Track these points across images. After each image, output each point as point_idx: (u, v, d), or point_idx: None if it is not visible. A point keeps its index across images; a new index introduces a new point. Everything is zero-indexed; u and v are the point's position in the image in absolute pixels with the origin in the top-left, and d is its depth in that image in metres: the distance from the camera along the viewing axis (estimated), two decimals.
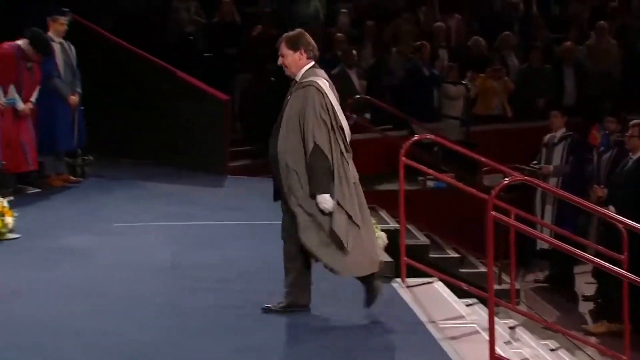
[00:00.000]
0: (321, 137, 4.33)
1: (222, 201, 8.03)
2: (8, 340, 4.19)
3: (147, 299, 4.95)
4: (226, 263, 5.82)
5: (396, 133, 9.19)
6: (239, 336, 4.43)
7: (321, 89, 4.39)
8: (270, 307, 4.64)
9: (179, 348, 4.22)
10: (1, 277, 5.28)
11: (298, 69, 4.47)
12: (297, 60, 4.46)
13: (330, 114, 4.39)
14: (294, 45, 4.45)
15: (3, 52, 7.28)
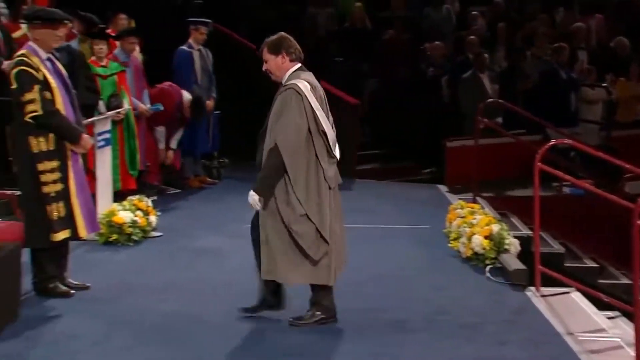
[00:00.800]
0: (285, 140, 4.21)
1: (352, 204, 8.04)
2: (155, 333, 4.40)
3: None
4: (357, 266, 5.81)
5: (530, 138, 8.89)
6: (373, 339, 4.42)
7: (300, 91, 4.27)
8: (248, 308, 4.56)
9: (318, 349, 4.27)
10: (147, 273, 5.56)
11: (282, 72, 4.38)
12: (279, 64, 4.37)
13: (309, 118, 4.27)
14: (275, 50, 4.35)
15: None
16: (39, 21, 4.85)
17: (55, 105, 4.81)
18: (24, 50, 4.88)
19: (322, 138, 4.31)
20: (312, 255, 4.31)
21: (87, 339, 4.28)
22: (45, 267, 4.91)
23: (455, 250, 6.19)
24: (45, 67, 4.82)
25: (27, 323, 4.42)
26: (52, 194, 4.80)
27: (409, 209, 7.94)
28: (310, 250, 4.29)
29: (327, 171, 4.32)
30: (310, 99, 4.26)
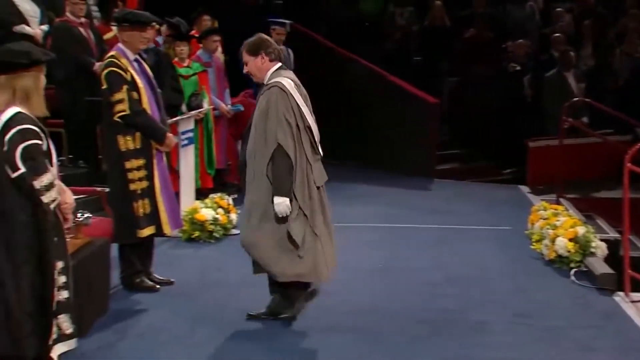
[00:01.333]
0: (284, 138, 4.18)
1: (431, 204, 8.01)
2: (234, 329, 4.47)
3: (361, 299, 5.04)
4: (436, 267, 5.79)
5: (618, 137, 8.59)
6: (452, 341, 4.37)
7: (285, 88, 4.23)
8: (253, 314, 4.55)
9: (396, 350, 4.26)
10: (227, 270, 5.65)
11: (263, 73, 4.38)
12: (259, 65, 4.37)
13: (296, 114, 4.24)
14: (254, 51, 4.34)
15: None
16: (127, 23, 5.00)
17: (142, 105, 4.94)
18: (113, 51, 5.04)
19: (309, 134, 4.32)
20: (300, 253, 4.29)
21: (171, 332, 4.40)
22: (132, 262, 5.07)
23: (538, 252, 6.05)
24: (133, 68, 4.96)
25: (115, 316, 4.57)
26: (139, 192, 4.93)
27: (490, 209, 7.81)
28: (301, 251, 4.29)
29: (313, 168, 4.32)
30: (295, 95, 4.27)
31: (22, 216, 3.35)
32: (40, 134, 3.39)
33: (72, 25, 7.00)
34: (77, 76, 6.95)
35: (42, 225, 3.39)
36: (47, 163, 3.40)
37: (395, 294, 5.18)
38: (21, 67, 3.35)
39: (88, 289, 4.26)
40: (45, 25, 7.24)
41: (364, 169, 9.62)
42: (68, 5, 7.03)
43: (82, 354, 3.95)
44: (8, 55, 3.36)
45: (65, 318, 3.51)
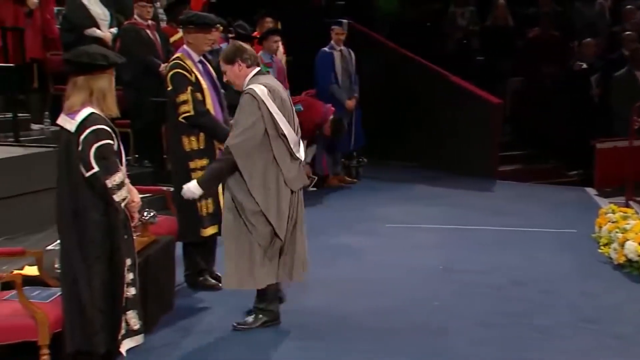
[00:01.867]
0: (237, 144, 4.21)
1: (493, 205, 7.89)
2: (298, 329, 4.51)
3: (423, 300, 5.01)
4: (499, 269, 5.70)
5: None
6: (517, 344, 4.31)
7: (257, 95, 4.22)
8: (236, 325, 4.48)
9: (459, 353, 4.22)
10: None
11: (241, 80, 4.37)
12: (237, 72, 4.37)
13: (266, 122, 4.21)
14: (230, 60, 4.34)
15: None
16: (192, 25, 5.08)
17: (206, 106, 5.01)
18: (178, 53, 5.12)
19: (283, 141, 4.30)
20: (264, 254, 4.29)
21: (234, 330, 4.44)
22: (195, 261, 5.14)
23: (606, 256, 5.90)
24: (197, 69, 5.03)
25: (180, 313, 4.65)
26: None
27: (555, 211, 7.64)
28: (262, 248, 4.29)
29: (289, 173, 4.31)
30: (268, 102, 4.26)
31: (94, 215, 3.44)
32: (112, 134, 3.48)
33: (139, 27, 7.17)
34: (144, 77, 7.10)
35: (114, 223, 3.48)
36: (118, 162, 3.49)
37: (457, 296, 5.13)
38: (100, 69, 3.45)
39: (154, 286, 4.34)
40: (114, 28, 7.44)
41: (424, 170, 9.55)
42: (136, 8, 7.20)
43: (148, 350, 4.03)
44: (87, 56, 3.46)
45: (133, 314, 3.59)
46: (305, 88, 8.60)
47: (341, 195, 8.25)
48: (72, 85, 3.48)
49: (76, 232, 3.45)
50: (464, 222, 7.11)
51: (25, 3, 7.59)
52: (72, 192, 3.45)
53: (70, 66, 3.48)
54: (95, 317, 3.45)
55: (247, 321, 4.48)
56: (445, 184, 8.79)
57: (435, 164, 9.58)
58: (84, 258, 3.44)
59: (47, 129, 7.47)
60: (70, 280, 3.47)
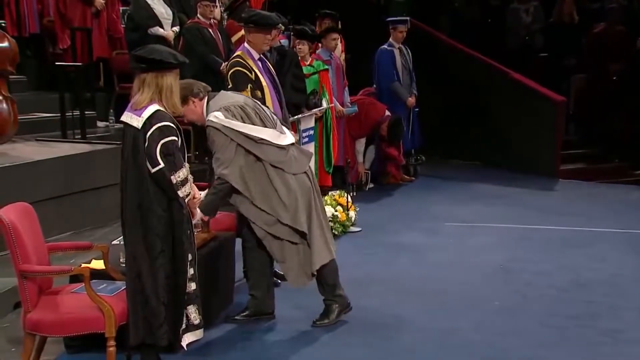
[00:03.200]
0: (226, 174, 4.26)
1: (554, 205, 7.74)
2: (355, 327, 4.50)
3: (483, 300, 4.95)
4: (562, 270, 5.59)
5: None
6: (583, 348, 4.21)
7: (216, 125, 4.22)
8: (235, 316, 4.53)
9: (520, 355, 4.15)
10: (347, 267, 5.66)
11: (200, 115, 4.31)
12: (193, 109, 4.31)
13: (239, 141, 4.24)
14: (183, 101, 4.19)
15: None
16: (253, 25, 5.13)
17: (265, 103, 5.05)
18: (239, 51, 5.18)
19: (265, 143, 4.30)
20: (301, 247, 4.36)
21: (291, 328, 4.47)
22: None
23: None
24: (257, 67, 5.08)
25: (239, 309, 4.67)
26: None
27: (621, 211, 7.44)
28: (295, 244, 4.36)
29: (290, 166, 4.35)
30: (230, 124, 4.23)
31: (158, 209, 3.51)
32: (177, 131, 3.55)
33: (202, 26, 7.28)
34: (205, 76, 7.19)
35: (177, 218, 3.54)
36: (182, 159, 3.56)
37: (518, 296, 5.04)
38: (169, 67, 3.52)
39: (213, 281, 4.41)
40: (176, 27, 7.58)
41: (485, 168, 9.43)
42: (199, 7, 7.32)
43: (208, 345, 4.10)
44: (158, 54, 3.52)
45: (193, 309, 3.65)
46: (363, 86, 8.59)
47: (399, 193, 8.21)
48: (140, 83, 3.55)
49: (141, 226, 3.52)
50: (525, 221, 6.98)
51: (93, 3, 7.81)
52: (137, 187, 3.51)
53: (140, 63, 3.54)
54: (158, 310, 3.51)
55: (325, 320, 4.51)
56: (506, 182, 8.66)
57: (497, 163, 9.45)
58: (148, 252, 3.51)
59: (112, 126, 7.67)
60: (135, 274, 3.54)
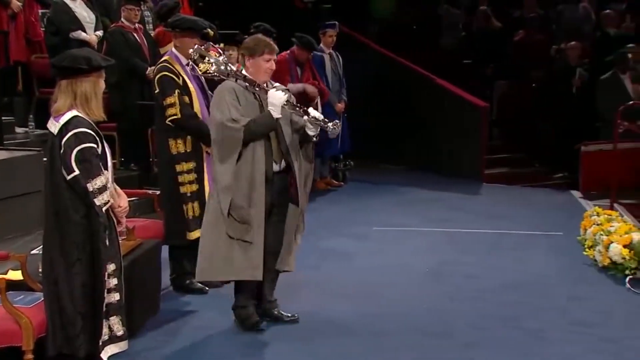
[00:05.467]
0: None
1: (481, 209, 7.91)
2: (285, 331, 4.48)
3: (412, 303, 5.00)
4: (487, 272, 5.71)
5: None
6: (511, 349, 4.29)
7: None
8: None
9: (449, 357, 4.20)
10: None
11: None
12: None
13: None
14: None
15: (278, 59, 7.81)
16: (179, 29, 5.06)
17: (193, 109, 4.99)
18: (166, 56, 5.11)
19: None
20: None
21: (221, 334, 4.42)
22: (182, 264, 5.12)
23: (591, 258, 5.92)
24: (185, 73, 5.02)
25: (166, 317, 4.61)
26: (189, 194, 4.98)
27: (541, 214, 7.67)
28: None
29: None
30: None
31: (75, 216, 3.43)
32: (96, 137, 3.46)
33: (126, 30, 7.14)
34: (130, 80, 7.07)
35: (94, 227, 3.45)
36: (101, 166, 3.47)
37: (447, 299, 5.11)
38: (81, 72, 3.43)
39: (139, 290, 4.31)
40: (99, 31, 7.40)
41: (412, 173, 9.57)
42: (123, 12, 7.17)
43: (134, 354, 4.00)
44: (69, 60, 3.45)
45: (117, 320, 3.57)
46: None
47: (329, 198, 8.24)
48: (57, 89, 3.49)
49: (58, 233, 3.44)
50: (452, 225, 7.11)
51: (9, 6, 7.54)
52: (54, 194, 3.45)
53: (55, 70, 3.49)
54: (74, 319, 3.44)
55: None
56: (434, 187, 8.80)
57: (423, 167, 9.61)
58: (65, 260, 3.43)
59: (32, 132, 7.42)
60: (52, 282, 3.45)
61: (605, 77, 8.93)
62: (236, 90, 4.30)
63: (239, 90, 4.31)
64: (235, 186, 4.22)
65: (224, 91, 4.31)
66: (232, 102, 4.25)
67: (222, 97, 4.28)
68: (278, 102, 4.26)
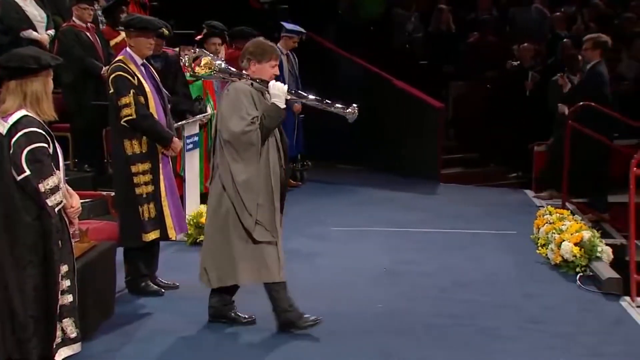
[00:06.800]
0: None
1: (437, 208, 8.00)
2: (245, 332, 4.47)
3: (369, 303, 5.02)
4: (444, 271, 5.78)
5: (625, 142, 8.55)
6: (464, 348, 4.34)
7: None
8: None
9: (404, 356, 4.23)
10: None
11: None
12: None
13: None
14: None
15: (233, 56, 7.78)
16: (133, 29, 5.01)
17: (149, 109, 4.94)
18: (121, 56, 5.04)
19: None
20: None
21: (177, 336, 4.39)
22: (137, 266, 5.06)
23: (544, 256, 6.04)
24: (140, 73, 4.96)
25: (121, 320, 4.56)
26: (144, 196, 4.93)
27: (495, 213, 7.79)
28: None
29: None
30: None
31: (26, 218, 3.38)
32: (47, 137, 3.40)
33: (78, 29, 7.03)
34: (84, 80, 6.97)
35: (47, 228, 3.39)
36: (53, 166, 3.41)
37: (402, 298, 5.16)
38: (30, 72, 3.37)
39: (93, 292, 4.25)
40: (51, 30, 7.26)
41: (371, 173, 9.62)
42: (76, 10, 7.06)
43: (87, 357, 3.94)
44: (17, 60, 3.39)
45: (70, 322, 3.52)
46: None
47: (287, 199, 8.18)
48: (5, 90, 3.42)
49: (8, 236, 3.37)
50: (409, 224, 7.17)
51: None
52: (3, 196, 3.38)
53: (2, 70, 3.41)
54: (26, 323, 3.38)
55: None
56: (391, 187, 8.86)
57: (380, 167, 9.66)
58: (15, 262, 3.38)
59: None
60: (2, 286, 3.39)
61: (556, 78, 9.10)
62: (252, 93, 4.30)
63: (253, 92, 4.31)
64: (257, 185, 4.21)
65: (239, 93, 4.28)
66: (250, 105, 4.25)
67: (239, 99, 4.26)
68: (281, 93, 4.29)
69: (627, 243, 5.71)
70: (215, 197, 4.37)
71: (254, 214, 4.22)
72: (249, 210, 4.22)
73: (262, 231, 4.26)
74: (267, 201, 4.26)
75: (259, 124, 4.21)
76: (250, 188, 4.21)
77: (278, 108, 4.29)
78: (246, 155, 4.22)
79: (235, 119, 4.21)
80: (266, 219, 4.26)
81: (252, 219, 4.23)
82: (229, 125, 4.23)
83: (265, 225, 4.26)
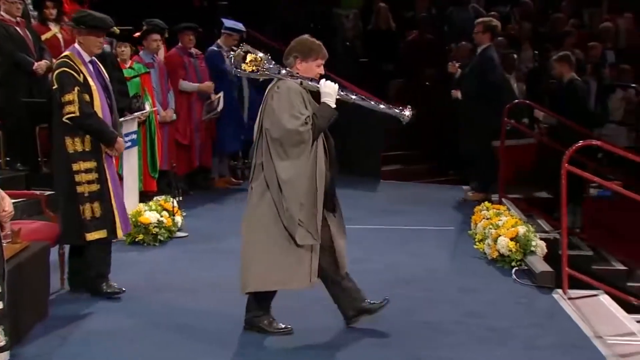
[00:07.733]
0: None
1: (378, 205, 8.07)
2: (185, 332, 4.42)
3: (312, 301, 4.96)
4: (383, 267, 5.83)
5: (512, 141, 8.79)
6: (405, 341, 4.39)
7: None
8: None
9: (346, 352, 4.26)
10: (174, 273, 5.59)
11: None
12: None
13: None
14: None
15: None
16: (84, 27, 4.90)
17: (94, 108, 4.84)
18: (68, 52, 4.94)
19: None
20: None
21: (117, 337, 4.31)
22: (98, 266, 4.93)
23: (481, 251, 6.16)
24: (87, 70, 4.86)
25: (57, 321, 4.45)
26: (86, 194, 4.83)
27: (434, 210, 7.91)
28: None
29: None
30: None
31: None
32: None
33: (7, 24, 6.82)
34: (16, 76, 6.78)
35: None
36: None
37: None
38: None
39: (25, 294, 4.14)
40: None
41: None
42: (4, 4, 6.85)
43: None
44: None
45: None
46: None
47: (228, 197, 8.18)
48: None
49: None
50: (350, 222, 7.10)
51: None
52: None
53: None
54: None
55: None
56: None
57: None
58: None
59: None
60: None
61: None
62: (302, 93, 4.23)
63: (303, 91, 4.25)
64: (301, 184, 4.11)
65: (291, 92, 4.20)
66: (301, 104, 4.17)
67: (290, 98, 4.17)
68: (333, 92, 4.25)
69: (560, 237, 5.86)
70: (257, 196, 4.25)
71: (296, 215, 4.11)
72: (290, 209, 4.11)
73: (304, 233, 4.15)
74: (309, 202, 4.15)
75: (312, 125, 4.15)
76: (294, 186, 4.11)
77: (330, 108, 4.23)
78: (294, 153, 4.12)
79: (288, 117, 4.12)
80: (307, 220, 4.15)
81: (294, 219, 4.11)
82: (282, 122, 4.13)
83: (306, 226, 4.15)
